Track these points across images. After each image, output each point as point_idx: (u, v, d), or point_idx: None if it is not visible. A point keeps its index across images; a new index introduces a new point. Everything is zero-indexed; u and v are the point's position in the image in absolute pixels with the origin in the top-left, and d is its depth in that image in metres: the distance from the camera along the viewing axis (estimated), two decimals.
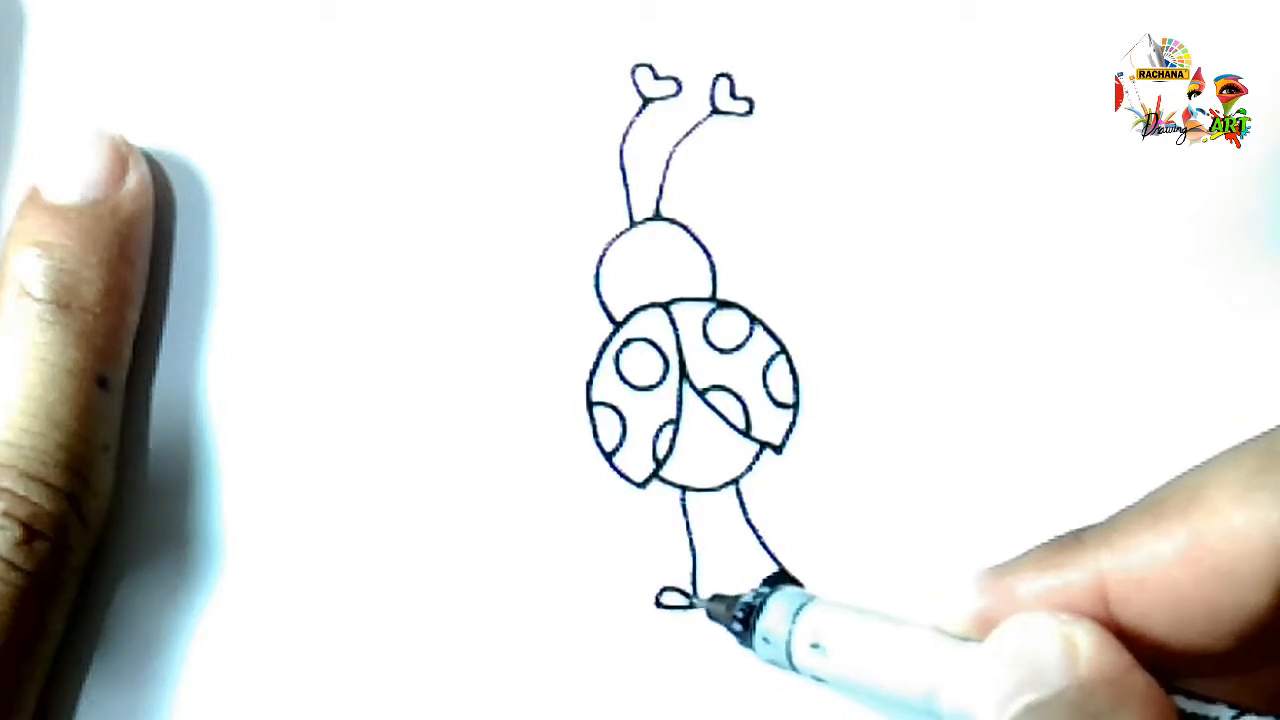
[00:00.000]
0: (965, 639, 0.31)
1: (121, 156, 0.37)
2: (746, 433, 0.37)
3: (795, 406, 0.37)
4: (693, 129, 0.38)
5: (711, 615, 0.36)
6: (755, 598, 0.35)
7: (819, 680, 0.33)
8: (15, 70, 0.39)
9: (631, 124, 0.38)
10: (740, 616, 0.35)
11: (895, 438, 0.37)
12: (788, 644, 0.33)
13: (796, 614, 0.34)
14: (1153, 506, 0.30)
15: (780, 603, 0.34)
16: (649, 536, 0.37)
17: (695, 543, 0.37)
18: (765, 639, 0.34)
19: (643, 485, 0.37)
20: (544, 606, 0.36)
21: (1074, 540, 0.31)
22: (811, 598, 0.34)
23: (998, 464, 0.37)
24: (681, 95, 0.38)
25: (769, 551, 0.37)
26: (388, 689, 0.36)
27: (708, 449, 0.37)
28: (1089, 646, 0.29)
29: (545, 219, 0.38)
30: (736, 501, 0.37)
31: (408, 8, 0.38)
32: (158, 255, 0.38)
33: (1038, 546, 0.32)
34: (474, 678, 0.36)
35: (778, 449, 0.37)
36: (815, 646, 0.33)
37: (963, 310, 0.37)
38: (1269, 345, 0.37)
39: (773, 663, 0.34)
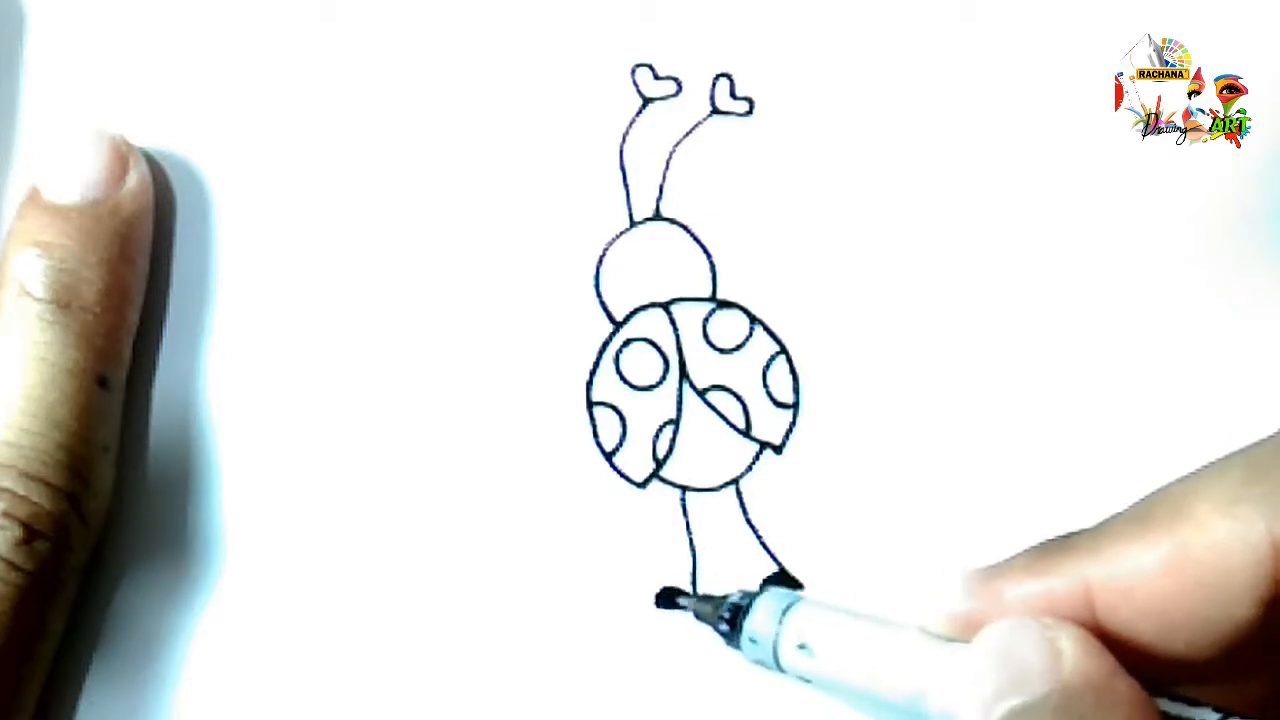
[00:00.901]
0: (952, 641, 0.31)
1: (121, 156, 0.37)
2: (746, 433, 0.37)
3: (795, 406, 0.37)
4: (693, 129, 0.38)
5: (698, 616, 0.36)
6: (742, 598, 0.34)
7: (805, 681, 0.33)
8: (15, 70, 0.39)
9: (631, 124, 0.38)
10: (727, 617, 0.34)
11: (895, 438, 0.37)
12: (774, 645, 0.33)
13: (783, 615, 0.33)
14: (1140, 516, 0.30)
15: (767, 603, 0.34)
16: (649, 536, 0.37)
17: (695, 543, 0.37)
18: (752, 640, 0.34)
19: (643, 485, 0.37)
20: (544, 606, 0.36)
21: (1063, 545, 0.31)
22: (799, 598, 0.34)
23: (998, 464, 0.37)
24: (681, 95, 0.38)
25: (769, 551, 0.37)
26: (388, 689, 0.36)
27: (708, 449, 0.37)
28: (1072, 651, 0.29)
29: (545, 219, 0.38)
30: (736, 501, 0.37)
31: (407, 8, 0.38)
32: (158, 255, 0.38)
33: (1027, 550, 0.32)
34: (474, 677, 0.36)
35: (778, 449, 0.37)
36: (802, 647, 0.33)
37: (962, 310, 0.37)
38: (1269, 345, 0.37)
39: (759, 664, 0.34)
